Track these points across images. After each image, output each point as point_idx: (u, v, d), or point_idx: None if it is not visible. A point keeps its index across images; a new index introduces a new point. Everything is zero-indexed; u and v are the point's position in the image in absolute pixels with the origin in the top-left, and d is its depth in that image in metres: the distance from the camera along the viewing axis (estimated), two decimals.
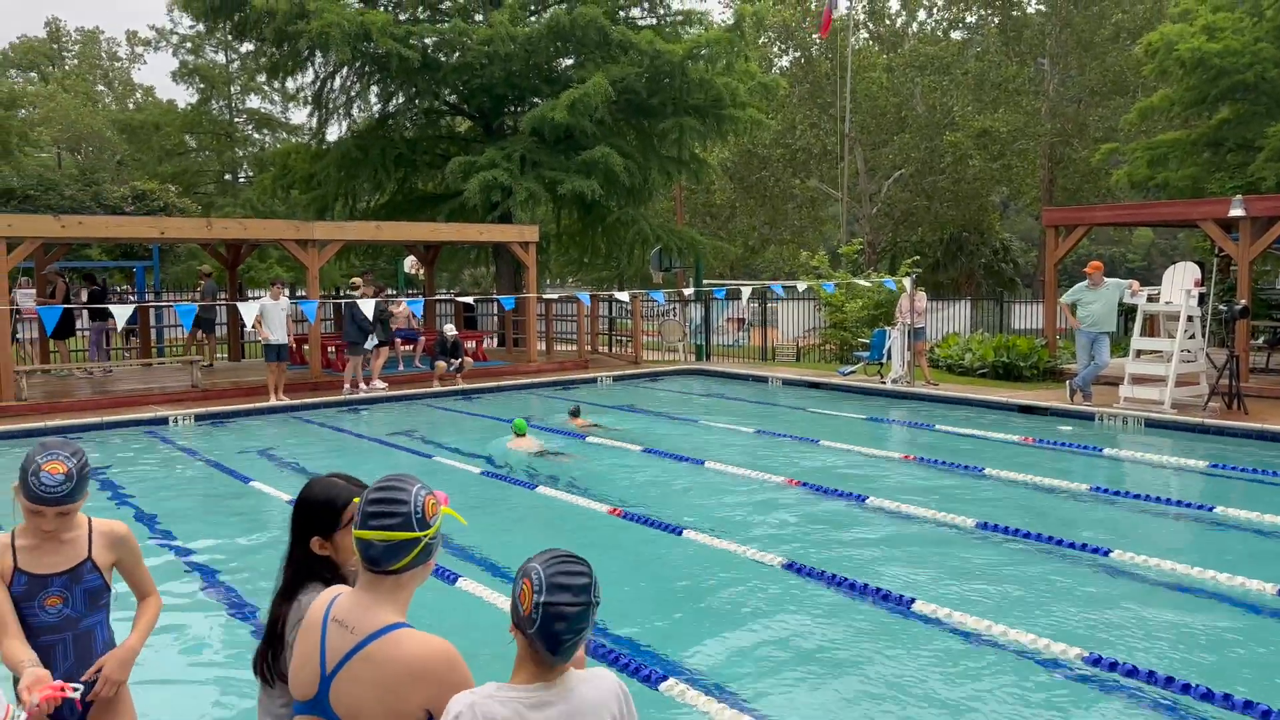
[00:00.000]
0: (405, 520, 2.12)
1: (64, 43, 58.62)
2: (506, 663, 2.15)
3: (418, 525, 2.13)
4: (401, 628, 2.15)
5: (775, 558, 6.57)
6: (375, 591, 2.18)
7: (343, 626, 2.17)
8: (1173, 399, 12.21)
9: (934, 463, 9.84)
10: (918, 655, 5.07)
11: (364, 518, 2.14)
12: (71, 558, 2.90)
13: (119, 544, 3.01)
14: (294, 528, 2.60)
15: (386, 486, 2.17)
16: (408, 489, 2.16)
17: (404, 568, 2.15)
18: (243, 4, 18.86)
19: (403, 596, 2.20)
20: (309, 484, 2.65)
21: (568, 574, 2.03)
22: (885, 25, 40.63)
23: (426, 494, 2.18)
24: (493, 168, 18.98)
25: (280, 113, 46.40)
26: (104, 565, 2.96)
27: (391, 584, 2.17)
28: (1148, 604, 5.84)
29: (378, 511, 2.13)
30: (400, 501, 2.14)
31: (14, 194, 28.79)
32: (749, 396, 15.57)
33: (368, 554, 2.14)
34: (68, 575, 2.88)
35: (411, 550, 2.14)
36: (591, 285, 36.95)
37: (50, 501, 2.76)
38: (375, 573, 2.16)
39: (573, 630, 1.98)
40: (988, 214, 40.94)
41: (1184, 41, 22.03)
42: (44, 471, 2.74)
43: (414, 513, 2.13)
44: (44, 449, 2.80)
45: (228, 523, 7.91)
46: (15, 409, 13.07)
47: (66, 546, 2.90)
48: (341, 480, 2.61)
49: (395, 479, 2.20)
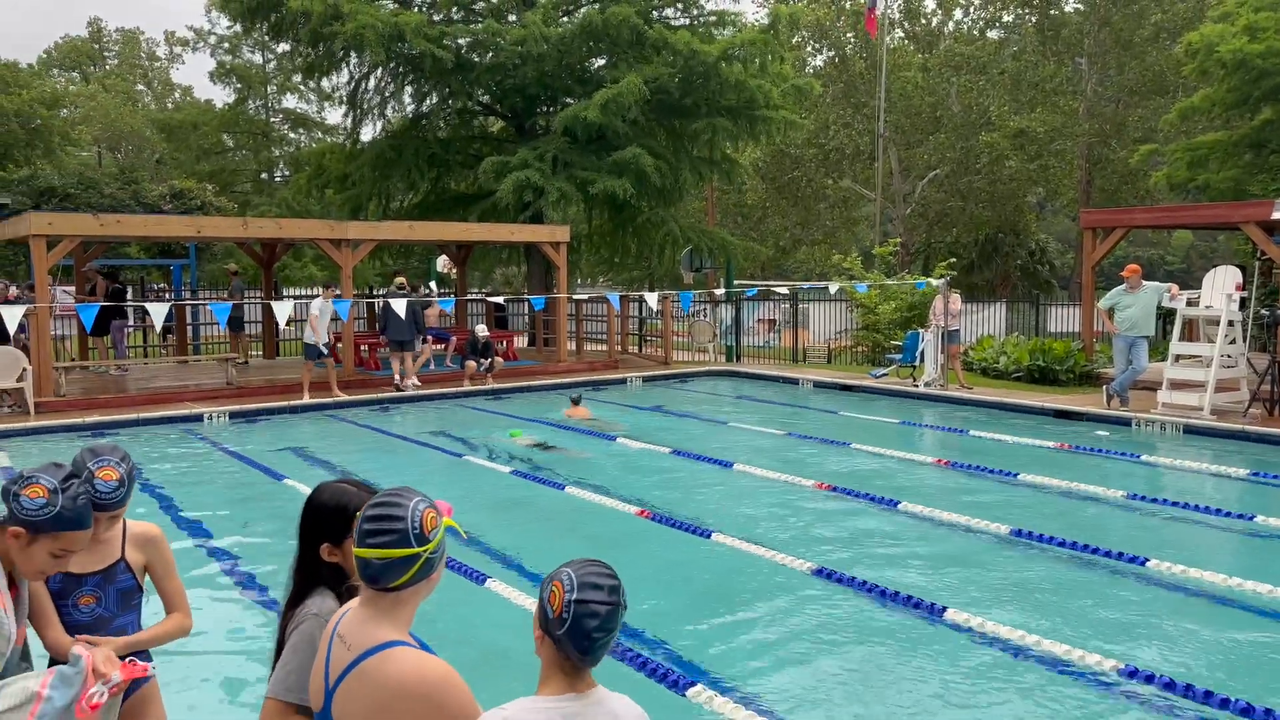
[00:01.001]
0: (403, 537, 2.07)
1: (105, 43, 59.52)
2: (536, 667, 2.13)
3: (416, 541, 2.08)
4: (397, 646, 2.10)
5: (805, 563, 6.53)
6: (375, 608, 2.14)
7: (343, 642, 2.15)
8: (1212, 405, 12.00)
9: (967, 468, 9.73)
10: (949, 665, 5.01)
11: (361, 535, 2.09)
12: (105, 557, 2.93)
13: (150, 546, 3.03)
14: (302, 533, 2.56)
15: (383, 502, 2.12)
16: (405, 504, 2.11)
17: (404, 584, 2.10)
18: (279, 5, 19.06)
19: (404, 613, 2.15)
20: (318, 489, 2.60)
21: (598, 574, 2.03)
22: (921, 25, 40.31)
23: (425, 507, 2.12)
24: (525, 168, 19.04)
25: (316, 113, 46.90)
26: (136, 566, 2.99)
27: (391, 601, 2.12)
28: (1185, 615, 5.74)
29: (374, 529, 2.07)
30: (397, 518, 2.08)
31: (55, 192, 29.25)
32: (779, 399, 15.50)
33: (366, 572, 2.10)
34: (101, 575, 2.92)
35: (411, 567, 2.08)
36: (622, 285, 36.96)
37: (107, 508, 2.78)
38: (375, 590, 2.12)
39: (604, 629, 1.96)
40: (1024, 215, 40.50)
41: (1225, 42, 21.68)
42: (98, 478, 2.75)
43: (411, 528, 2.07)
44: (94, 455, 2.80)
45: (259, 519, 7.97)
46: (54, 405, 13.27)
47: (101, 546, 2.92)
48: (352, 486, 2.57)
49: (392, 494, 2.15)
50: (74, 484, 2.60)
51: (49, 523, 2.55)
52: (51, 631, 2.81)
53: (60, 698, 2.47)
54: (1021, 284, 39.08)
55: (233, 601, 6.07)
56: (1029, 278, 39.72)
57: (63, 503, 2.56)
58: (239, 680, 4.94)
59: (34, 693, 2.45)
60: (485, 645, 5.26)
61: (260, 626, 5.63)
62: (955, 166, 36.53)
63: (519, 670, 4.93)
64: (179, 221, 17.52)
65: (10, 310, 12.45)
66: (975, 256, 38.99)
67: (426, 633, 2.35)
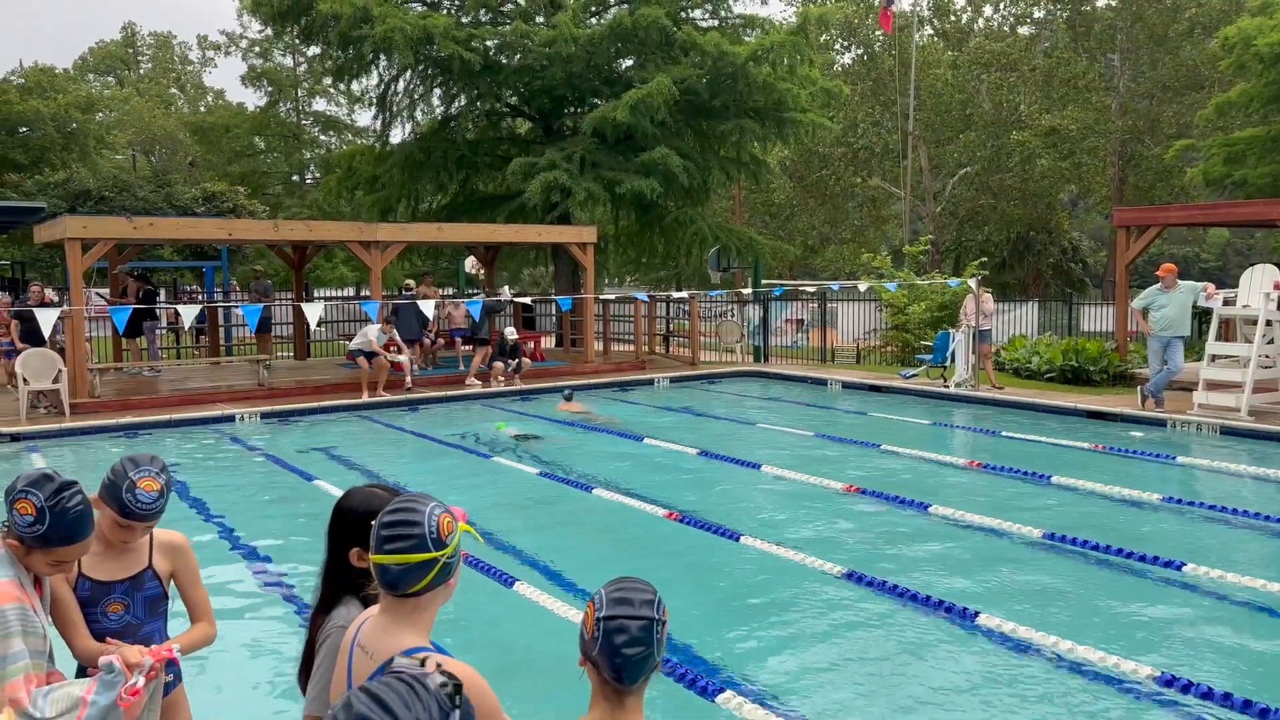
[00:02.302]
0: (420, 542, 2.07)
1: (139, 47, 60.27)
2: (565, 667, 2.10)
3: (434, 546, 2.08)
4: (420, 652, 2.07)
5: (835, 566, 6.47)
6: (395, 614, 2.14)
7: (365, 651, 2.15)
8: (1250, 406, 11.80)
9: (999, 470, 9.62)
10: (982, 670, 4.95)
11: (378, 542, 2.09)
12: (133, 565, 2.95)
13: (176, 553, 3.04)
14: (331, 539, 2.56)
15: (399, 508, 2.12)
16: (421, 509, 2.11)
17: (423, 590, 2.10)
18: (309, 8, 19.21)
19: (424, 619, 2.16)
20: (347, 494, 2.61)
21: (629, 589, 1.99)
22: (951, 22, 39.98)
23: (442, 513, 2.12)
24: (553, 169, 19.07)
25: (346, 115, 47.29)
26: (163, 574, 3.00)
27: (411, 607, 2.13)
28: (1223, 622, 5.64)
29: (392, 535, 2.07)
30: (414, 523, 2.08)
31: (90, 195, 29.67)
32: (808, 400, 15.41)
33: (385, 578, 2.10)
34: (129, 582, 2.94)
35: (429, 571, 2.09)
36: (649, 285, 36.96)
37: (144, 518, 2.81)
38: (395, 596, 2.12)
39: (635, 644, 1.91)
40: (1056, 213, 40.08)
41: (1263, 36, 21.33)
42: (140, 489, 2.78)
43: (429, 533, 2.07)
44: (134, 465, 2.82)
45: (290, 520, 8.03)
46: (89, 406, 13.44)
47: (129, 554, 2.95)
48: (382, 490, 2.57)
49: (408, 500, 2.15)
50: (64, 498, 2.59)
51: (37, 542, 2.58)
52: (80, 639, 2.83)
53: (104, 699, 2.52)
54: (1054, 283, 38.69)
55: (262, 602, 6.11)
56: (1061, 276, 39.31)
57: (50, 522, 2.56)
58: (266, 682, 4.97)
59: (79, 698, 2.51)
60: (512, 648, 5.25)
61: (289, 628, 5.66)
62: (986, 164, 36.20)
63: (545, 673, 4.94)
64: (211, 224, 17.71)
65: (46, 313, 12.62)
66: (1007, 255, 38.65)
67: (454, 636, 2.34)
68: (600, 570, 5.71)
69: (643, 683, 1.98)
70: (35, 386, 13.02)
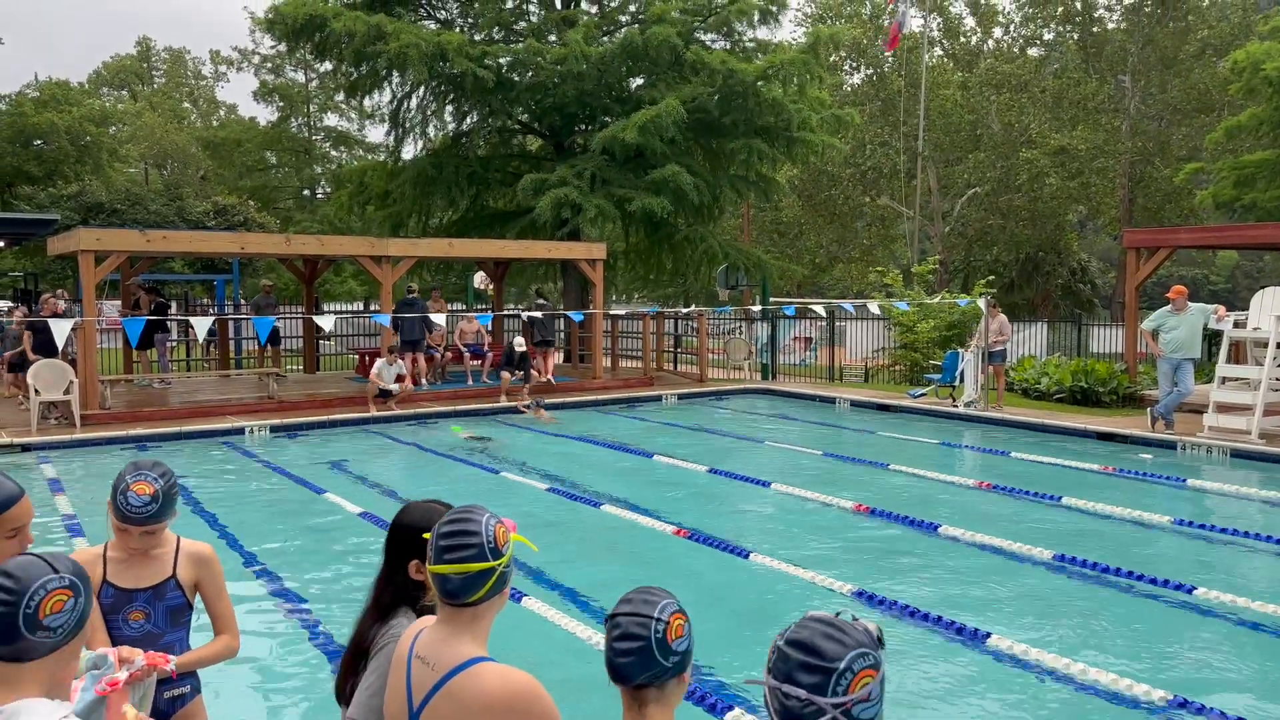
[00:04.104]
0: (480, 551, 2.11)
1: (153, 62, 60.74)
2: (574, 684, 2.11)
3: (491, 555, 2.13)
4: (482, 661, 2.14)
5: (844, 585, 6.46)
6: (454, 624, 2.17)
7: (425, 663, 2.17)
8: (1261, 428, 11.76)
9: (1009, 490, 9.60)
10: (993, 692, 4.93)
11: (438, 552, 2.13)
12: (157, 574, 2.96)
13: (202, 564, 3.04)
14: (391, 551, 2.61)
15: (458, 519, 2.16)
16: (478, 519, 2.15)
17: (481, 599, 2.15)
18: (323, 25, 19.36)
19: (481, 628, 2.20)
20: (406, 509, 2.66)
21: (640, 593, 2.00)
22: (960, 43, 40.13)
23: (496, 523, 2.18)
24: (563, 185, 19.16)
25: (357, 131, 47.56)
26: (187, 584, 3.01)
27: (470, 616, 2.16)
28: (1234, 645, 5.61)
29: (451, 545, 2.12)
30: (473, 533, 2.13)
31: (103, 208, 29.89)
32: (816, 418, 15.40)
33: (445, 588, 2.14)
34: (151, 591, 2.94)
35: (487, 580, 2.13)
36: (657, 302, 37.00)
37: (135, 521, 2.82)
38: (453, 605, 2.16)
39: (627, 638, 1.91)
40: (1065, 233, 40.08)
41: (1272, 60, 21.37)
42: (131, 491, 2.80)
43: (486, 543, 2.12)
44: (135, 469, 2.85)
45: (299, 534, 8.04)
46: (99, 417, 13.49)
47: (153, 563, 2.96)
48: (439, 506, 2.61)
49: (465, 511, 2.20)
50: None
51: None
52: (99, 645, 2.83)
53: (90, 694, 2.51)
54: (1063, 303, 38.65)
55: (269, 613, 6.11)
56: (1070, 297, 39.27)
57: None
58: (278, 690, 4.97)
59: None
60: (521, 664, 5.24)
61: (295, 640, 5.66)
62: (995, 185, 36.25)
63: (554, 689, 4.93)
64: (223, 238, 17.81)
65: (59, 324, 12.69)
66: (1015, 275, 38.65)
67: None
68: (609, 586, 5.70)
69: (656, 690, 1.95)
70: (46, 397, 13.08)
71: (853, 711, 1.48)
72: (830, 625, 1.53)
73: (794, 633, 1.53)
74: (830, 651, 1.49)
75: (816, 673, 1.48)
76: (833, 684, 1.48)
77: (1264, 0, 40.06)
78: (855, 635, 1.52)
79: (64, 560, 1.96)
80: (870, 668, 1.51)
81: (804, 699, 1.48)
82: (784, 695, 1.49)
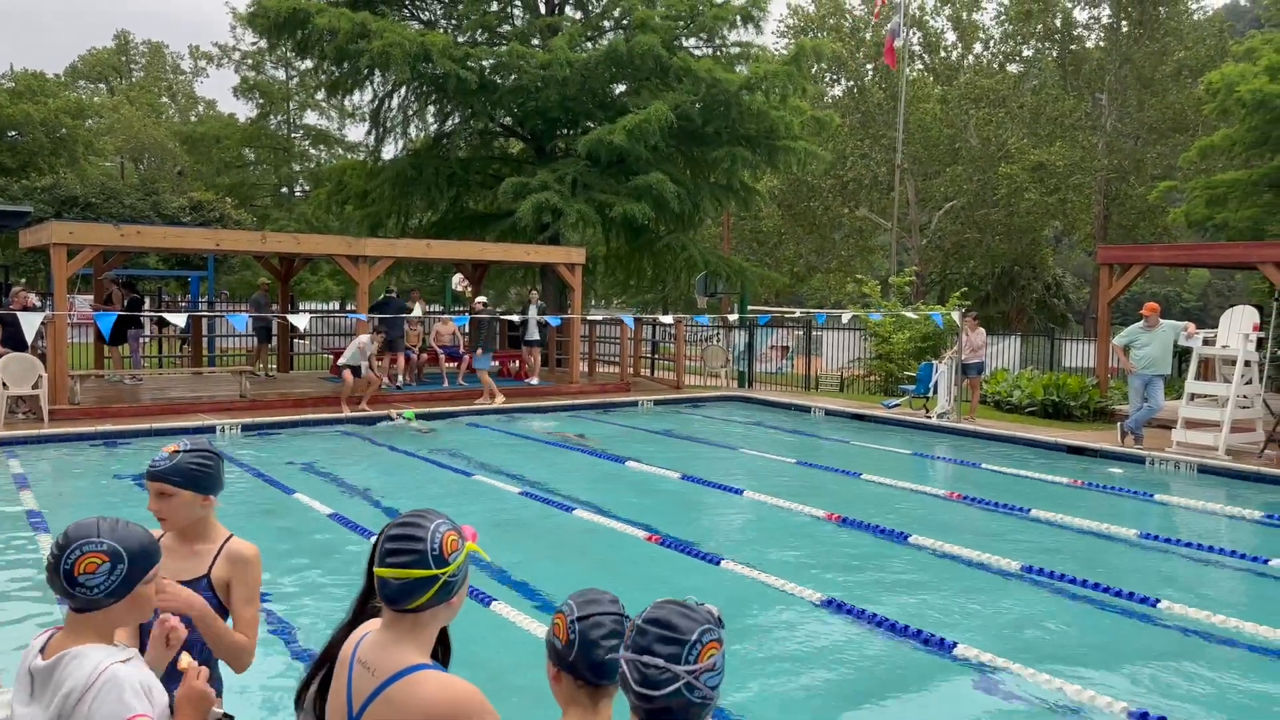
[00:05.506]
0: (421, 558, 2.06)
1: (131, 55, 60.20)
2: (538, 688, 2.10)
3: (434, 563, 2.07)
4: (423, 669, 2.09)
5: (813, 593, 6.49)
6: (396, 630, 2.12)
7: (366, 668, 2.13)
8: (1227, 445, 11.91)
9: (979, 502, 9.67)
10: (958, 701, 4.97)
11: (380, 555, 2.09)
12: (193, 571, 2.86)
13: (237, 564, 2.91)
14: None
15: (404, 523, 2.12)
16: (426, 525, 2.10)
17: (422, 606, 2.09)
18: (305, 22, 19.25)
19: (425, 636, 2.14)
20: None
21: (593, 594, 2.02)
22: (940, 57, 40.47)
23: (447, 530, 2.11)
24: (544, 189, 19.14)
25: (337, 129, 47.31)
26: (220, 584, 2.89)
27: (411, 623, 2.11)
28: (1195, 658, 5.67)
29: (394, 549, 2.07)
30: (416, 538, 2.08)
31: (77, 201, 29.58)
32: (791, 426, 15.46)
33: (384, 592, 2.09)
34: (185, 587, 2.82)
35: (429, 589, 2.07)
36: (636, 308, 37.03)
37: (151, 474, 2.83)
38: (395, 611, 2.11)
39: (613, 635, 1.93)
40: (1040, 248, 40.46)
41: (1245, 82, 21.69)
42: (163, 450, 2.86)
43: (430, 550, 2.07)
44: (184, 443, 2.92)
45: (269, 535, 7.97)
46: (68, 413, 13.34)
47: (194, 559, 2.87)
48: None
49: (415, 515, 2.14)
50: None
51: None
52: None
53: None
54: (1037, 318, 38.97)
55: None
56: (1044, 311, 39.60)
57: None
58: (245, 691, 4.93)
59: None
60: (489, 668, 5.23)
61: (268, 642, 5.61)
62: (972, 198, 36.56)
63: (522, 693, 4.91)
64: (198, 234, 17.65)
65: (29, 317, 12.54)
66: (991, 289, 38.94)
67: None
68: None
69: (614, 684, 1.96)
70: (14, 391, 12.91)
71: (701, 679, 1.72)
72: (681, 605, 1.80)
73: (650, 613, 1.78)
74: (683, 626, 1.74)
75: (672, 644, 1.73)
76: (685, 653, 1.72)
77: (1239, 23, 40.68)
78: (702, 614, 1.79)
79: (122, 529, 2.18)
80: (715, 641, 1.77)
81: (661, 667, 1.71)
82: (643, 665, 1.72)
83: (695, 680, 1.72)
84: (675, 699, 1.72)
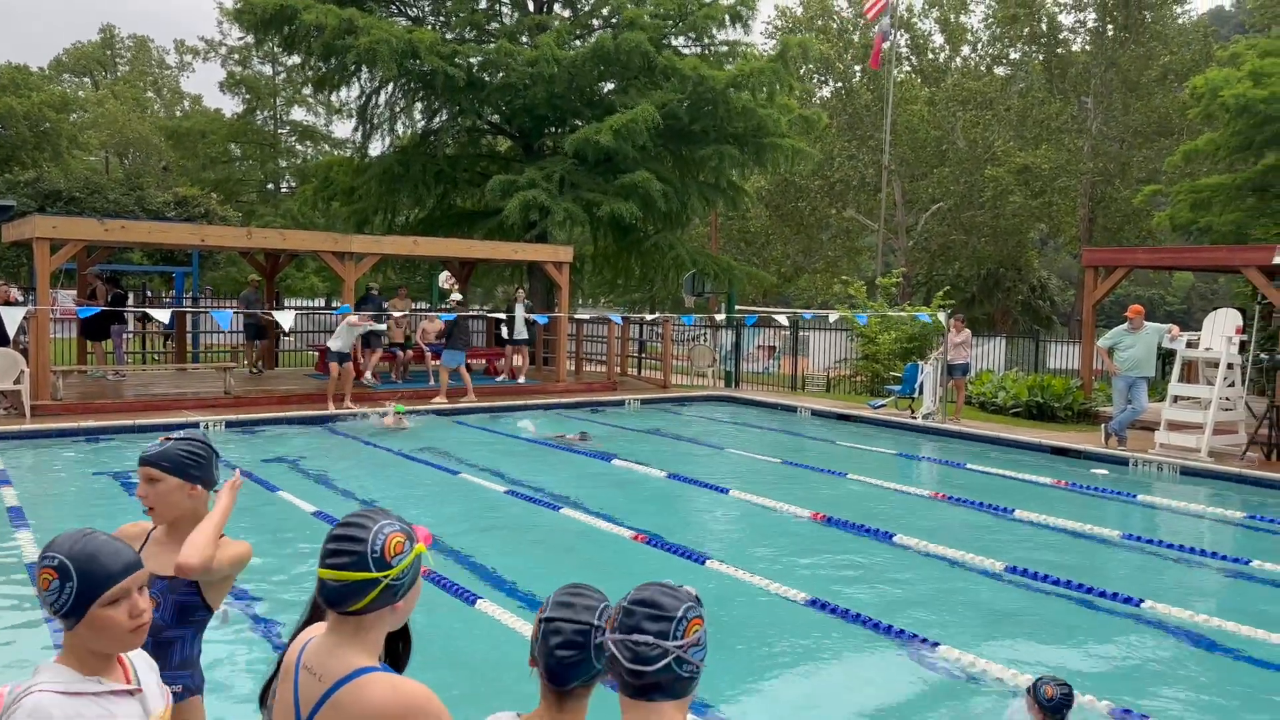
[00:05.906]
0: (360, 560, 1.99)
1: (117, 49, 59.80)
2: (524, 686, 2.09)
3: (375, 566, 1.99)
4: (370, 672, 2.02)
5: (799, 593, 6.49)
6: (340, 634, 2.05)
7: (311, 673, 2.06)
8: (1210, 447, 11.99)
9: (963, 502, 9.70)
10: (942, 700, 4.98)
11: (322, 555, 2.02)
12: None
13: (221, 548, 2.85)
14: None
15: (347, 523, 2.05)
16: (369, 527, 2.03)
17: (364, 609, 2.02)
18: (292, 18, 19.16)
19: (370, 639, 2.06)
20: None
21: (574, 595, 1.99)
22: (928, 60, 40.61)
23: (392, 532, 2.03)
24: (532, 187, 19.11)
25: (324, 125, 47.10)
26: (204, 581, 2.84)
27: (354, 626, 2.04)
28: (1177, 657, 5.71)
29: (334, 549, 2.01)
30: (357, 539, 2.01)
31: (60, 196, 29.35)
32: (777, 426, 15.48)
33: (324, 594, 2.02)
34: (167, 583, 2.80)
35: (369, 592, 2.00)
36: (623, 307, 37.01)
37: (141, 459, 2.84)
38: (337, 614, 2.04)
39: (568, 645, 1.90)
40: (1026, 251, 40.66)
41: (1229, 87, 21.83)
42: (159, 440, 2.87)
43: (370, 552, 1.99)
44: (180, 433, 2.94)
45: (251, 532, 7.92)
46: (50, 408, 13.24)
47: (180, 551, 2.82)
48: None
49: (360, 516, 2.07)
50: None
51: None
52: None
53: None
54: (1022, 319, 39.18)
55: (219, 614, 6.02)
56: (1029, 313, 39.82)
57: None
58: (226, 690, 4.90)
59: None
60: (474, 666, 5.22)
61: (250, 641, 5.59)
62: (959, 200, 36.70)
63: (508, 693, 4.90)
64: (183, 229, 17.53)
65: (11, 312, 12.44)
66: (976, 290, 39.13)
67: (415, 654, 2.30)
68: None
69: (582, 688, 1.96)
70: None
71: (687, 654, 1.82)
72: (664, 586, 1.91)
73: (636, 594, 1.88)
74: (668, 604, 1.84)
75: (660, 621, 1.82)
76: (673, 629, 1.81)
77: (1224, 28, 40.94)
78: (684, 593, 1.89)
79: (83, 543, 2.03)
80: (698, 617, 1.86)
81: (651, 644, 1.79)
82: (633, 643, 1.80)
83: (684, 654, 1.81)
84: (665, 674, 1.80)
